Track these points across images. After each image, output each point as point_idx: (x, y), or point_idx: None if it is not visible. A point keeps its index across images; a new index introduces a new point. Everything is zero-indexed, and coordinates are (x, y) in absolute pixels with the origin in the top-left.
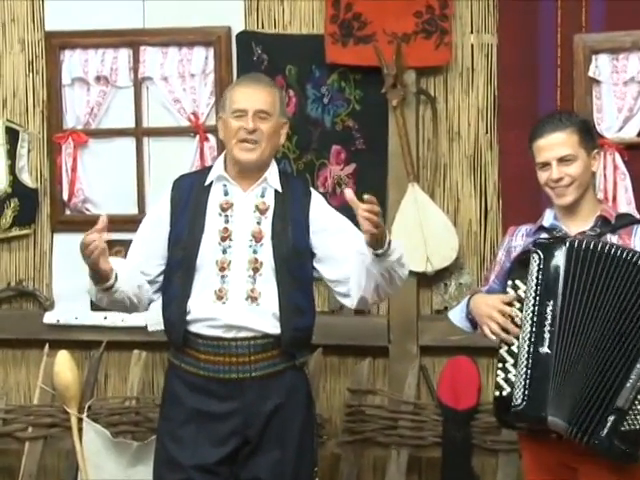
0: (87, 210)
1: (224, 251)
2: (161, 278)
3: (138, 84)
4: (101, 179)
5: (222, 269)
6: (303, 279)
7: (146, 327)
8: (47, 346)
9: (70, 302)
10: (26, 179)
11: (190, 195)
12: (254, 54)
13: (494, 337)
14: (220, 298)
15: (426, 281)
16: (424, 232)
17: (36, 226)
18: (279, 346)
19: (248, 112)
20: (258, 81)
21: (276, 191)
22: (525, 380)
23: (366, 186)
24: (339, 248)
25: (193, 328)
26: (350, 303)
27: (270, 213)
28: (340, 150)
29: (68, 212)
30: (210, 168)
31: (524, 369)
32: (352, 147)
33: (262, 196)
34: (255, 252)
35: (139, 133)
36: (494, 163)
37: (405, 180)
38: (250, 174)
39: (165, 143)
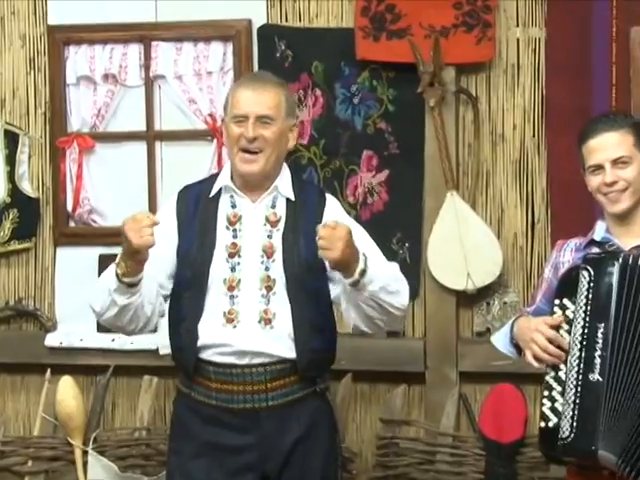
0: (93, 222)
1: (233, 268)
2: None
3: (149, 83)
4: (109, 188)
5: (231, 288)
6: (318, 295)
7: (157, 350)
8: (49, 371)
9: (74, 323)
10: (26, 187)
11: (197, 207)
12: (277, 50)
13: (537, 364)
14: (230, 321)
15: (466, 300)
16: (464, 246)
17: (37, 239)
18: (297, 371)
19: (249, 118)
20: (260, 82)
21: (288, 200)
22: (573, 410)
23: (400, 195)
24: None
25: (204, 355)
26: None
27: (282, 225)
28: (372, 155)
29: (72, 224)
30: (217, 176)
31: (572, 398)
32: (385, 152)
33: (273, 207)
34: (267, 269)
35: (151, 137)
36: (542, 170)
37: (443, 188)
38: (258, 183)
39: (179, 148)
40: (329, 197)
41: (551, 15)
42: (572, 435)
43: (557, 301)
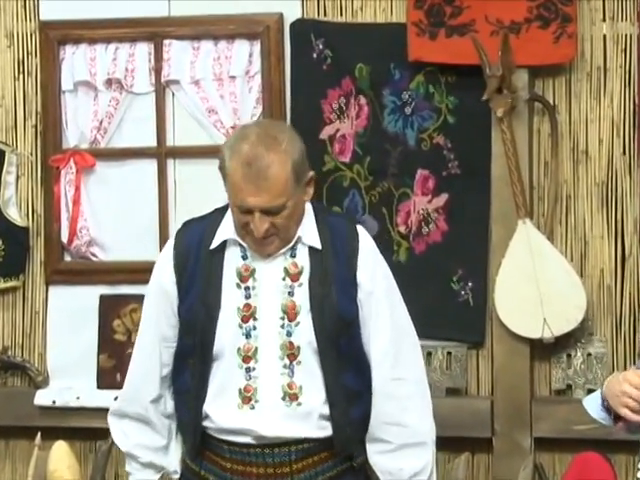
0: (93, 256)
1: (247, 335)
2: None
3: (161, 89)
4: (112, 215)
5: (246, 359)
6: (355, 355)
7: None
8: (39, 435)
9: (70, 377)
10: (13, 215)
11: (199, 256)
12: (314, 50)
13: (635, 417)
14: (247, 401)
15: (543, 351)
16: (540, 285)
17: (26, 277)
18: (331, 447)
19: (254, 212)
20: (259, 164)
21: (311, 247)
22: None
23: (461, 224)
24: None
25: (214, 433)
26: None
27: (305, 277)
28: (427, 176)
29: (68, 258)
30: (221, 212)
31: None
32: (443, 172)
33: (293, 256)
34: (289, 334)
35: (162, 154)
36: (634, 193)
37: (514, 215)
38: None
39: (196, 167)
40: (361, 232)
41: None
42: None
43: None
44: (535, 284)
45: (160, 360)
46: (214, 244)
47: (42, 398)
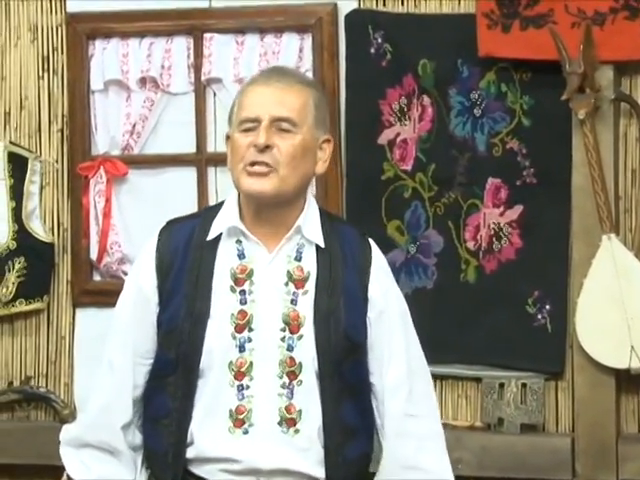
0: (125, 275)
1: (241, 348)
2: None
3: (201, 89)
4: (146, 229)
5: (239, 376)
6: (357, 385)
7: None
8: (65, 476)
9: None
10: (37, 229)
11: (187, 254)
12: (371, 44)
13: None
14: (240, 424)
15: (630, 383)
16: (627, 308)
17: (51, 298)
18: None
19: (261, 120)
20: (282, 75)
21: (318, 248)
22: None
23: (538, 239)
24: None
25: (197, 469)
26: None
27: (311, 284)
28: (499, 186)
29: (97, 277)
30: (214, 210)
31: None
32: (517, 181)
33: (298, 259)
34: (290, 349)
35: (202, 161)
36: None
37: (598, 230)
38: (274, 220)
39: None
40: (373, 245)
41: None
42: None
43: None
44: (621, 307)
45: (133, 379)
46: (212, 234)
47: None
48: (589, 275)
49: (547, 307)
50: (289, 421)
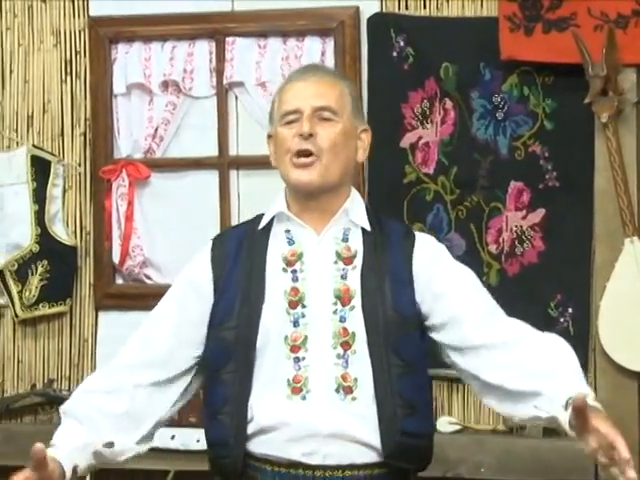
0: (148, 278)
1: (295, 323)
2: (188, 378)
3: (223, 92)
4: (169, 232)
5: (295, 349)
6: (412, 360)
7: None
8: (88, 478)
9: None
10: (60, 232)
11: (240, 251)
12: (394, 47)
13: None
14: (297, 391)
15: None
16: None
17: (73, 301)
18: (388, 472)
19: (303, 111)
20: (317, 70)
21: (364, 231)
22: None
23: (561, 243)
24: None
25: (257, 447)
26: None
27: (359, 261)
28: (522, 189)
29: (120, 281)
30: (259, 216)
31: None
32: (540, 184)
33: (345, 240)
34: (342, 320)
35: (224, 164)
36: None
37: (620, 234)
38: (320, 208)
39: (262, 178)
40: (418, 233)
41: None
42: None
43: None
44: None
45: (161, 351)
46: (264, 222)
47: None
48: (612, 278)
49: (569, 310)
50: (346, 389)
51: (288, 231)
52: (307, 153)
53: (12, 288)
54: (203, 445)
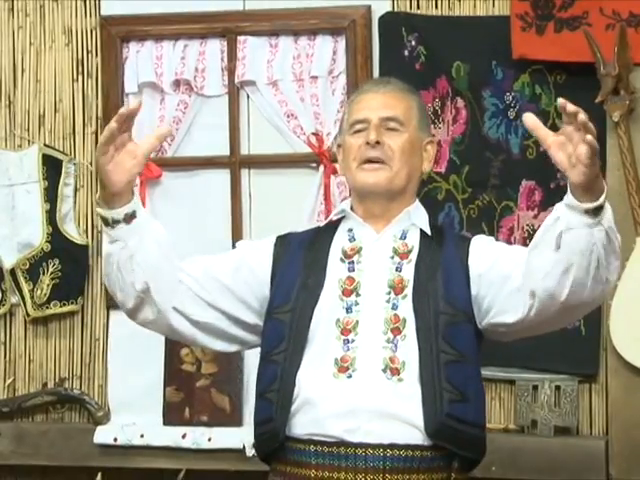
0: None
1: (348, 309)
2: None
3: (234, 91)
4: (180, 231)
5: (345, 332)
6: (463, 350)
7: (243, 450)
8: (99, 477)
9: (133, 412)
10: (71, 231)
11: (302, 246)
12: (405, 46)
13: None
14: (344, 370)
15: None
16: None
17: (85, 300)
18: (428, 459)
19: (370, 121)
20: (388, 83)
21: (422, 232)
22: None
23: None
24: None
25: (298, 427)
26: (514, 317)
27: (414, 256)
28: (533, 188)
29: None
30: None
31: None
32: (551, 184)
33: (403, 238)
34: (395, 307)
35: (236, 163)
36: None
37: (632, 232)
38: (384, 215)
39: (273, 178)
40: (474, 237)
41: None
42: None
43: None
44: None
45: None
46: (326, 222)
47: (102, 435)
48: (623, 277)
49: None
50: (393, 370)
51: (350, 230)
52: (375, 160)
53: (23, 287)
54: (214, 444)
